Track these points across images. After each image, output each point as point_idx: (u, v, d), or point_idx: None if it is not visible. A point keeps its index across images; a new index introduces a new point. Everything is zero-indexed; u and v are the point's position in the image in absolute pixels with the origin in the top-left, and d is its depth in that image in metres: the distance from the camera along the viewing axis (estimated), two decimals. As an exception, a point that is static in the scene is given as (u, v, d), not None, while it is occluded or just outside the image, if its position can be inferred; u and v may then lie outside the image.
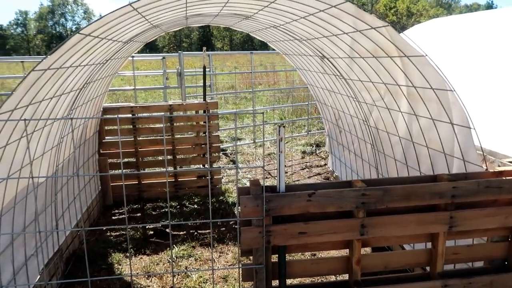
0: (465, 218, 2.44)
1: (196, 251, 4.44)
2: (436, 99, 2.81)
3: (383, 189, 2.33)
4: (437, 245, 2.51)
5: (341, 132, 5.49)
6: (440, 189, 2.38)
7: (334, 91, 4.95)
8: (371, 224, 2.37)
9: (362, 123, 4.49)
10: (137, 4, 2.28)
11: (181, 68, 7.49)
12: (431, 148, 3.22)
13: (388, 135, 3.91)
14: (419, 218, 2.40)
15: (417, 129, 3.31)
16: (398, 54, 2.78)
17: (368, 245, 2.54)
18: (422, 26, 6.13)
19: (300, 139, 9.11)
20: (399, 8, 71.57)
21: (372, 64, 3.32)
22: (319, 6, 2.70)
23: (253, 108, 9.03)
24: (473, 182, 2.40)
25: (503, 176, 2.56)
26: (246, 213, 2.25)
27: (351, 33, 3.00)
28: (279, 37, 4.79)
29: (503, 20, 4.61)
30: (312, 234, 2.35)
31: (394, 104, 3.51)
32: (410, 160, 3.64)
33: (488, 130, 3.23)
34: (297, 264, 2.54)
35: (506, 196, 2.47)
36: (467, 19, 5.50)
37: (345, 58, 3.73)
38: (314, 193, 2.28)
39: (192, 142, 5.95)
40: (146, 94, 17.07)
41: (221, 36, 72.41)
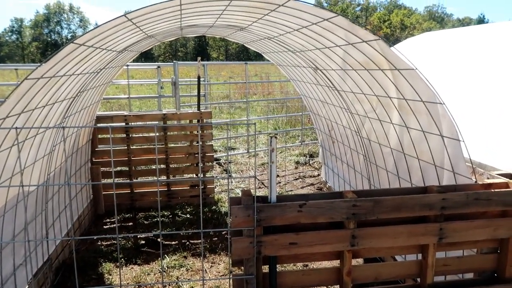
0: (454, 230, 2.46)
1: (187, 261, 4.41)
2: (426, 112, 2.85)
3: (374, 200, 2.35)
4: (427, 256, 2.52)
5: (334, 143, 5.53)
6: (430, 201, 2.41)
7: (327, 102, 4.99)
8: (362, 235, 2.38)
9: (355, 134, 4.52)
10: (132, 15, 2.30)
11: (175, 77, 7.52)
12: (422, 160, 3.25)
13: (380, 146, 3.94)
14: (410, 229, 2.42)
15: (408, 141, 3.35)
16: (389, 67, 2.82)
17: (359, 256, 2.54)
18: (414, 39, 6.23)
19: (294, 149, 9.14)
20: (393, 21, 72.60)
21: (364, 77, 3.36)
22: (312, 19, 2.75)
23: (247, 118, 9.06)
24: (462, 194, 2.43)
25: (492, 189, 2.59)
26: (237, 223, 2.26)
27: (343, 46, 3.04)
28: (273, 48, 4.84)
29: (493, 35, 4.70)
30: (303, 245, 2.35)
31: (385, 116, 3.55)
32: (402, 171, 3.67)
33: (478, 143, 3.27)
34: (288, 274, 2.54)
35: (495, 208, 2.50)
36: (458, 33, 5.59)
37: (337, 70, 3.78)
38: (305, 204, 2.30)
39: (185, 151, 5.95)
40: (140, 102, 17.06)
41: (217, 46, 72.82)
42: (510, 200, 2.47)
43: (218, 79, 22.02)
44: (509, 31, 4.44)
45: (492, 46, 4.29)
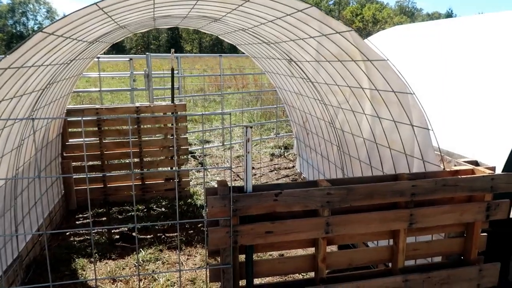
0: (424, 215, 2.56)
1: (163, 255, 4.39)
2: (397, 102, 2.93)
3: (347, 188, 2.41)
4: (398, 241, 2.61)
5: (308, 135, 5.59)
6: (401, 188, 2.49)
7: (301, 94, 5.04)
8: (336, 223, 2.44)
9: (328, 125, 4.59)
10: (103, 4, 2.24)
11: (148, 70, 7.39)
12: (393, 149, 3.35)
13: (353, 136, 4.03)
14: (382, 216, 2.49)
15: (380, 130, 3.44)
16: (361, 58, 2.88)
17: (333, 243, 2.60)
18: (385, 32, 6.36)
19: (269, 142, 9.19)
20: (365, 15, 73.67)
21: (338, 68, 3.42)
22: (286, 10, 2.76)
23: (222, 111, 9.02)
24: (431, 181, 2.52)
25: (458, 175, 2.70)
26: (214, 213, 2.27)
27: (317, 37, 3.08)
28: (248, 40, 4.84)
29: (458, 28, 4.86)
30: (278, 233, 2.39)
31: (358, 107, 3.62)
32: (374, 160, 3.77)
33: (447, 132, 3.40)
34: (265, 263, 2.57)
35: (461, 194, 2.61)
36: (426, 27, 5.75)
37: (311, 62, 3.82)
38: (280, 193, 2.33)
39: (159, 144, 5.88)
40: (112, 96, 16.67)
41: (190, 39, 71.88)
42: (475, 186, 2.58)
43: (192, 72, 21.79)
44: (473, 24, 4.60)
45: (458, 39, 4.44)
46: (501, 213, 2.67)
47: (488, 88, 3.43)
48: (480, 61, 3.76)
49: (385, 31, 6.48)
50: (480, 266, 2.72)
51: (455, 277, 2.69)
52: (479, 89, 3.50)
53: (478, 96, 3.46)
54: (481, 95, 3.42)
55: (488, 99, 3.31)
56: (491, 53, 3.72)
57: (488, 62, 3.63)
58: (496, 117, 3.10)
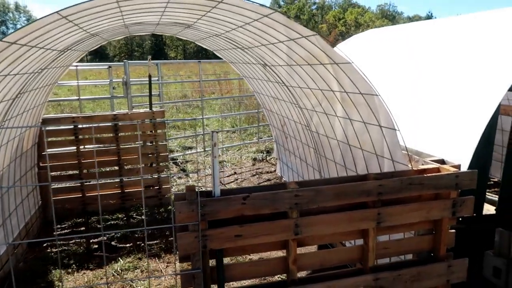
0: (391, 214, 2.60)
1: (142, 263, 4.35)
2: (365, 104, 2.99)
3: (315, 189, 2.44)
4: (368, 241, 2.65)
5: (287, 138, 5.64)
6: (368, 187, 2.53)
7: (278, 98, 5.08)
8: (305, 224, 2.47)
9: (305, 128, 4.64)
10: (65, 12, 2.24)
11: (127, 77, 7.36)
12: (364, 149, 3.40)
13: (328, 139, 4.08)
14: (349, 216, 2.53)
15: (352, 132, 3.49)
16: (329, 62, 2.93)
17: (304, 245, 2.62)
18: (361, 35, 6.47)
19: (251, 146, 9.21)
20: (348, 19, 74.64)
21: (308, 71, 3.46)
22: (253, 15, 2.80)
23: (202, 117, 9.04)
24: (397, 180, 2.57)
25: (425, 174, 2.76)
26: (182, 218, 2.27)
27: (286, 42, 3.12)
28: (224, 45, 4.87)
29: (430, 30, 4.97)
30: (248, 237, 2.40)
31: (330, 109, 3.67)
32: (348, 162, 3.82)
33: (416, 132, 3.47)
34: (236, 266, 2.58)
35: (428, 192, 2.66)
36: (400, 29, 5.86)
37: (284, 66, 3.87)
38: (248, 196, 2.34)
39: (138, 152, 5.84)
40: (94, 104, 16.51)
41: (174, 46, 71.70)
42: (440, 184, 2.64)
43: (176, 78, 21.73)
44: (443, 26, 4.71)
45: (427, 41, 4.54)
46: (467, 210, 2.73)
47: (456, 89, 3.51)
48: (447, 62, 3.85)
49: (361, 34, 6.59)
50: (449, 262, 2.78)
51: (425, 274, 2.74)
52: (447, 90, 3.58)
53: (446, 96, 3.54)
54: (450, 95, 3.50)
55: (455, 100, 3.39)
56: (458, 54, 3.82)
57: (455, 64, 3.73)
58: (462, 117, 3.18)
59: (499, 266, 3.89)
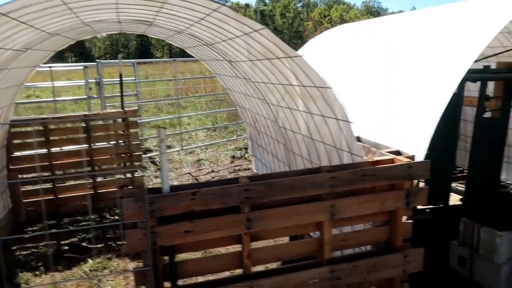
0: (345, 206, 2.61)
1: (112, 263, 4.31)
2: (322, 97, 2.99)
3: (267, 183, 2.44)
4: (323, 233, 2.66)
5: (259, 134, 5.63)
6: (320, 180, 2.54)
7: (247, 94, 5.07)
8: (257, 218, 2.46)
9: (273, 124, 4.64)
10: (5, 9, 2.19)
11: (99, 77, 7.29)
12: (326, 143, 3.41)
13: (294, 133, 4.08)
14: (303, 208, 2.53)
15: (314, 126, 3.50)
16: (283, 55, 2.93)
17: (259, 239, 2.61)
18: (334, 30, 6.48)
19: (231, 144, 9.19)
20: (333, 16, 74.82)
21: (268, 66, 3.46)
22: (204, 10, 2.78)
23: (179, 116, 9.02)
24: (350, 172, 2.58)
25: (379, 165, 2.77)
26: (129, 215, 2.25)
27: (242, 37, 3.11)
28: (190, 42, 4.84)
29: (401, 23, 5.00)
30: (199, 232, 2.39)
31: (293, 104, 3.67)
32: (313, 156, 3.83)
33: (376, 124, 3.49)
34: (190, 263, 2.57)
35: (381, 183, 2.68)
36: (372, 23, 5.88)
37: (246, 61, 3.86)
38: (197, 192, 2.33)
39: (111, 152, 5.79)
40: (77, 106, 16.31)
41: (160, 46, 71.15)
42: (393, 174, 2.66)
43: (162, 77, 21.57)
44: (408, 20, 4.75)
45: (394, 34, 4.57)
46: (420, 200, 2.76)
47: (416, 80, 3.53)
48: (409, 54, 3.87)
49: (334, 28, 6.61)
50: (405, 252, 2.80)
51: (381, 264, 2.76)
52: (408, 82, 3.60)
53: (407, 88, 3.56)
54: (410, 87, 3.52)
55: (415, 91, 3.41)
56: (420, 47, 3.84)
57: (416, 56, 3.75)
58: (418, 108, 3.21)
59: (463, 255, 3.95)
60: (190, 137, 9.91)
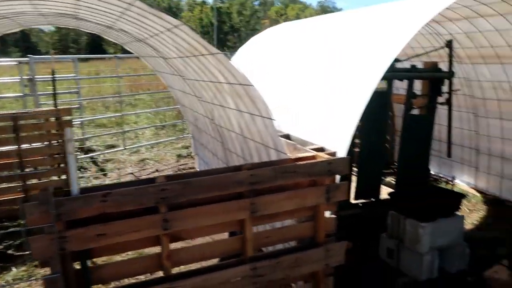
0: (265, 203, 2.62)
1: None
2: (247, 95, 2.99)
3: (183, 182, 2.39)
4: (245, 231, 2.65)
5: (200, 133, 5.57)
6: (240, 178, 2.53)
7: (185, 92, 4.99)
8: (175, 218, 2.41)
9: (210, 122, 4.60)
10: None
11: (32, 74, 6.90)
12: (255, 141, 3.42)
13: (228, 132, 4.06)
14: (222, 207, 2.51)
15: (244, 124, 3.49)
16: (206, 52, 2.89)
17: (180, 239, 2.57)
18: (274, 28, 6.53)
19: (178, 143, 9.04)
20: (289, 15, 75.76)
21: (197, 63, 3.41)
22: (122, 4, 2.68)
23: (122, 114, 8.76)
24: (270, 169, 2.59)
25: (301, 162, 2.81)
26: (33, 221, 2.12)
27: (166, 32, 3.04)
28: (124, 38, 4.68)
29: (335, 22, 5.11)
30: (113, 235, 2.30)
31: (224, 101, 3.65)
32: (247, 154, 3.82)
33: (305, 122, 3.54)
34: (108, 267, 2.48)
35: (302, 179, 2.72)
36: (311, 21, 5.97)
37: (178, 58, 3.78)
38: (109, 193, 2.24)
39: (44, 152, 5.49)
40: (18, 103, 15.39)
41: (112, 42, 68.77)
42: (314, 171, 2.71)
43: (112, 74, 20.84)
44: (345, 18, 4.86)
45: (327, 32, 4.66)
46: (341, 194, 2.83)
47: (344, 78, 3.62)
48: (336, 54, 3.97)
49: (275, 26, 6.66)
50: (327, 246, 2.85)
51: (304, 260, 2.80)
52: (337, 79, 3.69)
53: (335, 86, 3.64)
54: (338, 85, 3.60)
55: (339, 90, 3.49)
56: (348, 45, 3.95)
57: (341, 55, 3.85)
58: (343, 105, 3.29)
59: (391, 247, 4.12)
60: (136, 136, 9.64)
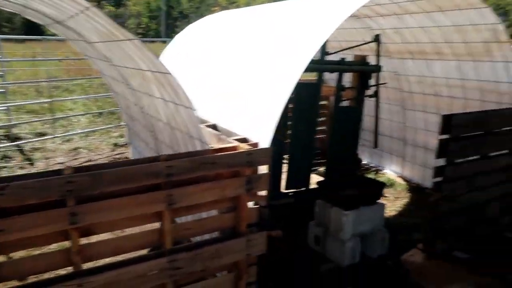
0: (183, 195, 2.57)
1: None
2: (169, 83, 2.90)
3: (92, 174, 2.28)
4: (164, 223, 2.60)
5: (134, 121, 5.38)
6: (156, 169, 2.45)
7: (115, 79, 4.78)
8: (84, 212, 2.30)
9: (140, 110, 4.45)
10: None
11: None
12: (182, 130, 3.35)
13: (157, 121, 3.95)
14: (136, 199, 2.43)
15: (170, 113, 3.40)
16: (124, 37, 2.76)
17: (92, 233, 2.45)
18: (213, 16, 6.42)
19: (115, 131, 8.70)
20: (240, 2, 75.29)
21: (119, 48, 3.25)
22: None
23: (52, 100, 8.28)
24: (188, 160, 2.54)
25: (222, 152, 2.78)
26: None
27: (81, 14, 2.86)
28: (44, 19, 4.37)
29: (269, 13, 5.10)
30: (14, 231, 2.15)
31: (150, 90, 3.53)
32: (175, 144, 3.74)
33: (231, 112, 3.52)
34: (8, 265, 2.32)
35: (222, 170, 2.70)
36: (251, 10, 5.93)
37: (101, 43, 3.59)
38: (8, 186, 2.09)
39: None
40: None
41: (53, 22, 64.40)
42: (234, 162, 2.69)
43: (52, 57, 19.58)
44: (276, 10, 4.87)
45: (260, 22, 4.66)
46: (262, 185, 2.85)
47: (270, 70, 3.63)
48: (265, 44, 3.97)
49: (214, 14, 6.55)
50: (248, 237, 2.87)
51: (225, 250, 2.80)
52: (264, 71, 3.69)
53: (262, 77, 3.64)
54: (264, 77, 3.61)
55: (268, 81, 3.50)
56: (275, 37, 3.96)
57: (270, 46, 3.86)
58: (268, 97, 3.30)
59: (318, 234, 4.25)
60: (71, 123, 9.15)
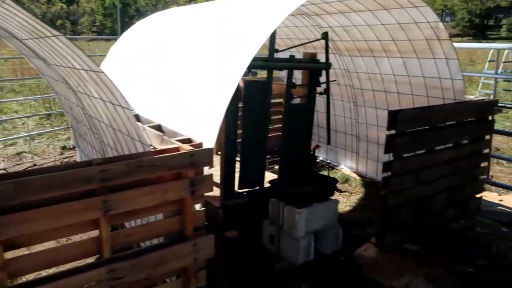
0: (120, 200, 2.43)
1: None
2: (102, 83, 2.74)
3: (15, 182, 2.09)
4: (101, 231, 2.44)
5: (78, 123, 5.11)
6: (88, 174, 2.30)
7: (55, 79, 4.51)
8: (8, 223, 2.11)
9: (83, 111, 4.22)
10: None
11: None
12: (123, 132, 3.19)
13: (99, 122, 3.75)
14: (66, 207, 2.26)
15: (110, 114, 3.23)
16: (52, 34, 2.57)
17: (17, 246, 2.26)
18: (162, 12, 6.24)
19: (64, 133, 8.29)
20: (199, 1, 74.54)
21: (51, 46, 3.04)
22: None
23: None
24: (124, 164, 2.40)
25: (165, 154, 2.66)
26: None
27: (12, 10, 2.62)
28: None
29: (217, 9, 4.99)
30: None
31: (88, 90, 3.34)
32: (118, 146, 3.56)
33: (177, 113, 3.40)
34: None
35: (163, 173, 2.57)
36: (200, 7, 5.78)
37: (30, 40, 3.35)
38: None
39: None
40: None
41: (-1, 19, 60.84)
42: (175, 164, 2.58)
43: None
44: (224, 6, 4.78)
45: (209, 20, 4.55)
46: (207, 187, 2.75)
47: (214, 68, 3.53)
48: (210, 42, 3.88)
49: (164, 11, 6.36)
50: (195, 241, 2.77)
51: (170, 256, 2.68)
52: (210, 69, 3.59)
53: (208, 75, 3.54)
54: (208, 75, 3.51)
55: (211, 80, 3.41)
56: (221, 35, 3.87)
57: (215, 44, 3.77)
58: (213, 97, 3.21)
59: (272, 233, 4.21)
60: (15, 126, 8.62)
